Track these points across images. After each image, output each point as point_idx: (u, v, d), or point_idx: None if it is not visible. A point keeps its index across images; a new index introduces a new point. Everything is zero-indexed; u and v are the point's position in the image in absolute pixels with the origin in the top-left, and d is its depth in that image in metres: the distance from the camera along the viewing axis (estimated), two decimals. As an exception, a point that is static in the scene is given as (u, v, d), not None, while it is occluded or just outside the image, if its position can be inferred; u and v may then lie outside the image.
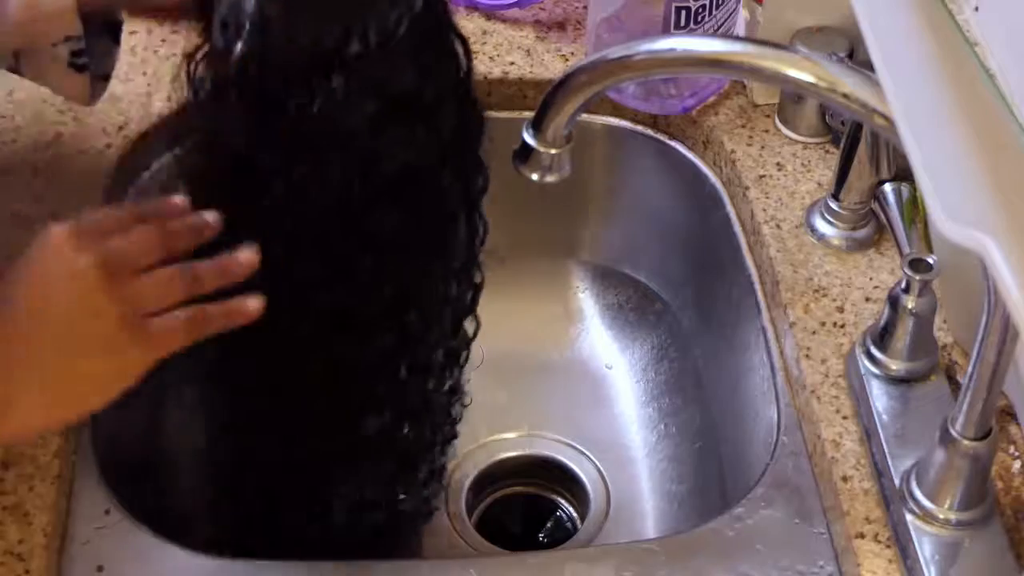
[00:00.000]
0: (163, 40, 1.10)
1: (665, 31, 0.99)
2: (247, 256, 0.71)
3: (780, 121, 1.05)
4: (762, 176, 1.01)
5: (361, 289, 0.77)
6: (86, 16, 0.80)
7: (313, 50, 0.70)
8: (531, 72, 1.09)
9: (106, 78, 0.86)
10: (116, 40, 0.85)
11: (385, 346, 0.80)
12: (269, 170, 0.73)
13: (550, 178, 0.79)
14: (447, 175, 0.77)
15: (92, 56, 0.82)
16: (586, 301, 1.18)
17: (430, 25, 0.73)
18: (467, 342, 0.85)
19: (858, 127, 0.93)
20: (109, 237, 0.69)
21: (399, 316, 0.79)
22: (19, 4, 0.78)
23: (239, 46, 0.70)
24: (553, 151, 0.78)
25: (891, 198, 0.95)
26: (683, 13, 0.98)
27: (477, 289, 0.83)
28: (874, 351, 0.85)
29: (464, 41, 0.75)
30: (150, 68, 1.07)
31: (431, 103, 0.74)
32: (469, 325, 0.85)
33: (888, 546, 0.79)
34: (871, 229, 0.96)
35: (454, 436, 0.91)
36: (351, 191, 0.74)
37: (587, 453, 1.09)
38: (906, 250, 0.93)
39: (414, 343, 0.81)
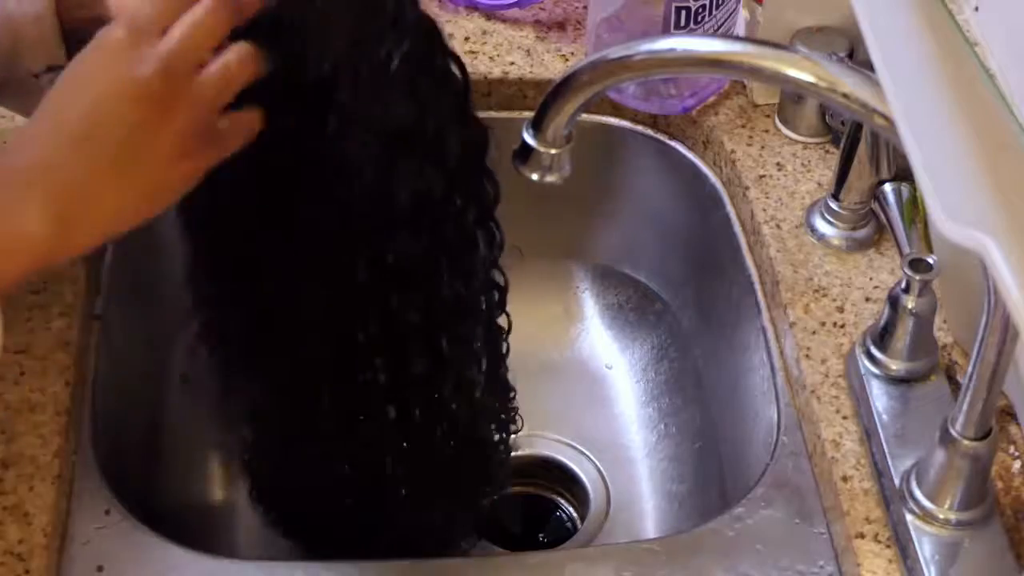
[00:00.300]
0: (163, 40, 1.09)
1: (665, 31, 0.99)
2: None
3: (780, 121, 1.05)
4: (762, 176, 1.01)
5: (389, 321, 0.77)
6: (64, 35, 0.79)
7: (304, 90, 0.70)
8: (531, 72, 1.09)
9: None
10: None
11: (419, 372, 0.79)
12: (278, 211, 0.73)
13: (550, 178, 0.79)
14: (459, 198, 0.76)
15: None
16: (586, 301, 1.18)
17: (423, 54, 0.72)
18: (503, 336, 0.85)
19: (858, 127, 0.93)
20: (165, 33, 0.66)
21: (431, 343, 0.79)
22: (1, 33, 0.78)
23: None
24: (553, 151, 0.78)
25: (891, 198, 0.95)
26: (683, 13, 0.98)
27: (503, 290, 0.83)
28: (874, 351, 0.85)
29: (459, 60, 0.75)
30: (150, 68, 1.07)
31: (433, 133, 0.73)
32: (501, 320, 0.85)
33: (888, 546, 0.79)
34: (871, 229, 0.96)
35: (510, 430, 0.91)
36: (364, 228, 0.73)
37: (587, 453, 1.09)
38: (906, 250, 0.93)
39: (449, 365, 0.81)
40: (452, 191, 0.75)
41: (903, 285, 0.83)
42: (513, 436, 0.91)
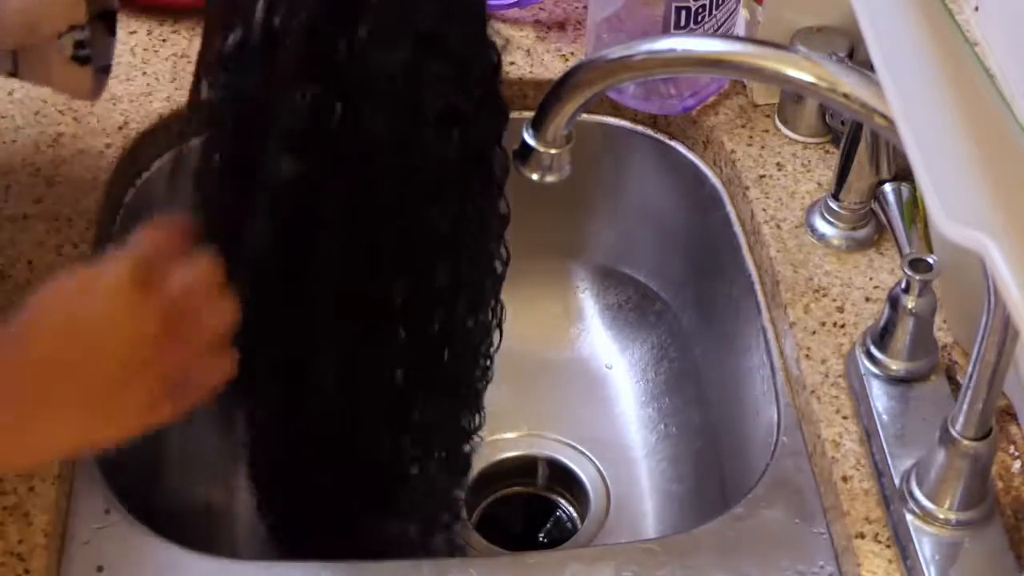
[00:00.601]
0: (163, 40, 1.10)
1: (665, 31, 0.99)
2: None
3: (780, 121, 1.05)
4: (762, 176, 1.01)
5: (419, 227, 0.77)
6: None
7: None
8: (531, 72, 1.09)
9: (106, 71, 0.85)
10: (111, 31, 0.85)
11: (441, 282, 0.80)
12: (312, 124, 0.73)
13: (550, 178, 0.79)
14: (483, 113, 0.76)
15: (92, 48, 0.81)
16: (586, 301, 1.18)
17: None
18: (504, 261, 0.85)
19: (858, 127, 0.93)
20: (167, 281, 0.66)
21: (454, 248, 0.79)
22: None
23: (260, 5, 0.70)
24: (553, 151, 0.78)
25: (891, 198, 0.95)
26: (683, 13, 0.98)
27: (505, 219, 0.83)
28: (874, 351, 0.85)
29: None
30: (150, 68, 1.07)
31: (459, 42, 0.73)
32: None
33: (888, 546, 0.79)
34: (871, 229, 0.96)
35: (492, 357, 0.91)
36: (397, 137, 0.73)
37: (587, 453, 1.09)
38: (906, 250, 0.93)
39: (468, 280, 0.81)
40: (478, 104, 0.76)
41: (903, 285, 0.83)
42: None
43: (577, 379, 1.14)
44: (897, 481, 0.79)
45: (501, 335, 0.88)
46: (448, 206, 0.77)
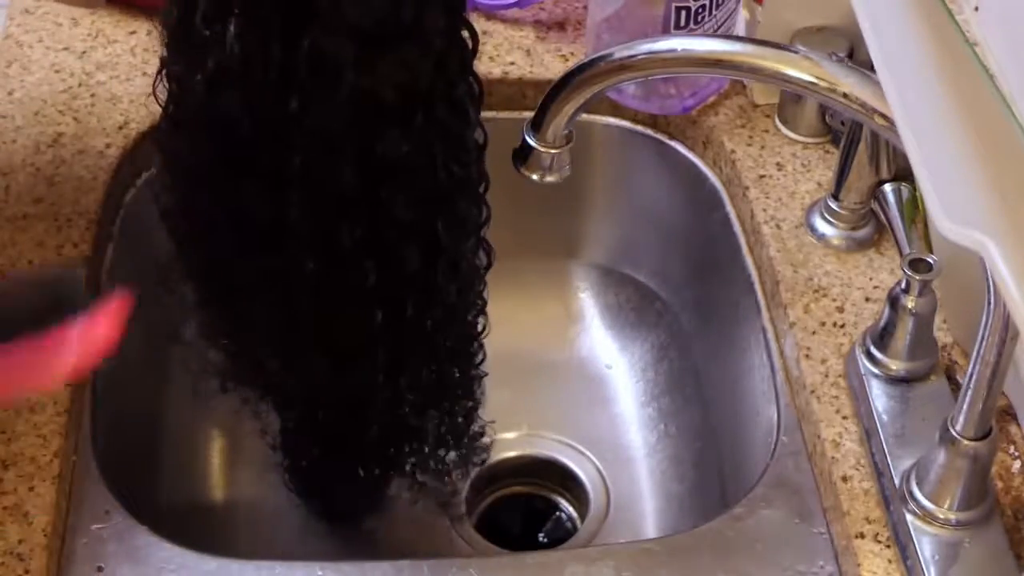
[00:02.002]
0: (163, 40, 1.10)
1: (665, 31, 0.99)
2: None
3: (780, 121, 1.05)
4: (762, 176, 1.01)
5: (384, 217, 0.74)
6: None
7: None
8: (531, 72, 1.09)
9: None
10: None
11: (414, 268, 0.77)
12: (264, 123, 0.71)
13: (550, 178, 0.79)
14: (446, 73, 0.73)
15: None
16: (586, 301, 1.18)
17: None
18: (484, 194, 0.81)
19: (858, 127, 0.93)
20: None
21: (428, 236, 0.76)
22: None
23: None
24: (553, 151, 0.78)
25: (891, 198, 0.95)
26: (683, 13, 0.98)
27: (482, 148, 0.79)
28: (874, 351, 0.85)
29: None
30: (150, 68, 1.07)
31: (412, 21, 0.69)
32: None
33: (888, 546, 0.79)
34: (871, 229, 0.96)
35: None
36: (354, 128, 0.71)
37: (587, 453, 1.09)
38: (906, 250, 0.93)
39: (446, 250, 0.78)
40: (440, 71, 0.72)
41: (903, 285, 0.83)
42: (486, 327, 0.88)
43: (577, 379, 1.14)
44: (897, 481, 0.79)
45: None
46: (416, 184, 0.74)
